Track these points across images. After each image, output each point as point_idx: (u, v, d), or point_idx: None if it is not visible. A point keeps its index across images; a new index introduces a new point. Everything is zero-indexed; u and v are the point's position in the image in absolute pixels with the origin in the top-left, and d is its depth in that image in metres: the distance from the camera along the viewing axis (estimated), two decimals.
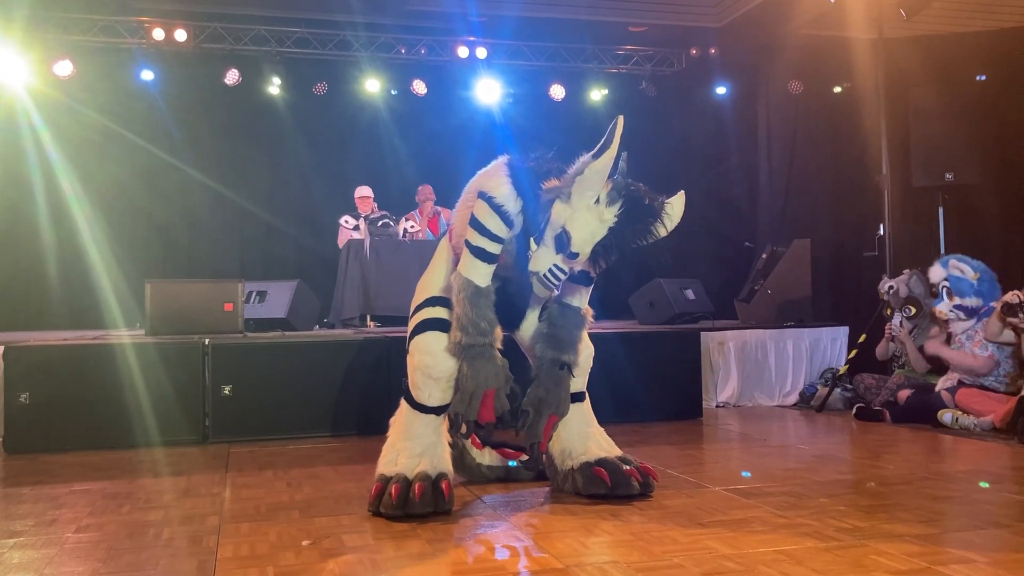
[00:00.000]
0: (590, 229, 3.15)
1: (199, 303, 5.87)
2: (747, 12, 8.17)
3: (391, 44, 9.10)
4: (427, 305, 3.43)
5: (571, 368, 3.46)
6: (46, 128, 8.16)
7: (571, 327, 3.47)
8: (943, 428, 5.28)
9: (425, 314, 3.41)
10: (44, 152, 8.16)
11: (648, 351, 5.92)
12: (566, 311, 3.49)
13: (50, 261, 8.20)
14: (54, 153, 8.16)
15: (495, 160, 3.37)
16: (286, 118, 9.13)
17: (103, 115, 8.40)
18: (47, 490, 3.86)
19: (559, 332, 3.45)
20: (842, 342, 6.91)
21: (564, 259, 3.18)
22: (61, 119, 8.24)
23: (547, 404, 3.38)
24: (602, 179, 3.14)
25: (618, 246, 3.20)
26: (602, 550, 2.77)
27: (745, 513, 3.19)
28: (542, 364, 3.44)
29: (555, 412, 3.41)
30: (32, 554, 2.84)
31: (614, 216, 3.16)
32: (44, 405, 4.91)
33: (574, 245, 3.15)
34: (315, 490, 3.77)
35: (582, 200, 3.14)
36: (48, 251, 8.20)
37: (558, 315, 3.48)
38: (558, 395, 3.40)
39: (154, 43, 8.46)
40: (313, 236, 9.12)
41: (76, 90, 8.30)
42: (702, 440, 5.19)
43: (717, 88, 9.59)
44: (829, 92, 8.83)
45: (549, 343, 3.44)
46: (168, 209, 8.79)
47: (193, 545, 2.91)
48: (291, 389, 5.27)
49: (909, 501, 3.42)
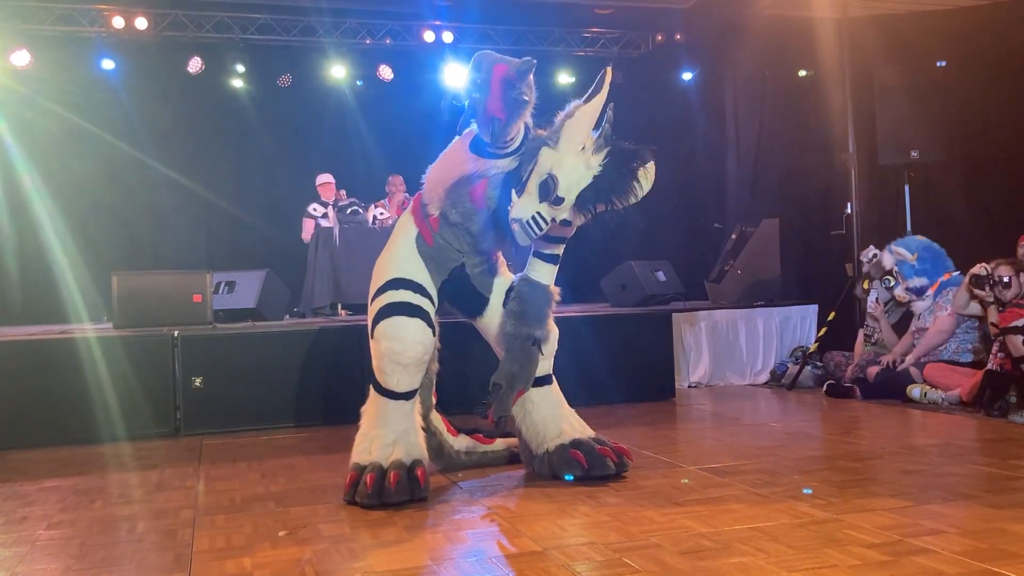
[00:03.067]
0: (576, 175, 3.13)
1: (167, 295, 5.79)
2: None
3: (356, 29, 9.02)
4: (390, 288, 3.38)
5: (541, 344, 3.44)
6: (4, 120, 8.01)
7: (540, 303, 3.46)
8: (912, 403, 5.35)
9: (389, 297, 3.36)
10: (3, 145, 8.00)
11: (620, 333, 5.95)
12: (535, 288, 3.48)
13: (11, 256, 8.06)
14: (13, 146, 8.01)
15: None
16: (250, 107, 9.03)
17: (63, 106, 8.26)
18: (16, 487, 3.81)
19: (528, 308, 3.43)
20: (811, 320, 6.98)
21: (548, 206, 3.14)
22: (19, 111, 8.09)
23: (519, 379, 3.37)
24: (591, 123, 3.16)
25: (600, 196, 3.16)
26: (580, 532, 2.78)
27: (720, 492, 3.22)
28: (513, 340, 3.42)
29: (524, 387, 3.41)
30: (3, 552, 2.80)
31: (599, 164, 3.14)
32: (11, 401, 4.84)
33: (560, 190, 3.12)
34: (290, 480, 3.75)
35: (570, 145, 3.14)
36: (9, 246, 8.06)
37: (527, 292, 3.47)
38: (528, 371, 3.40)
39: (114, 32, 8.31)
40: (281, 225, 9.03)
41: (34, 81, 8.15)
42: (675, 420, 5.22)
43: (684, 71, 9.61)
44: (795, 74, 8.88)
45: (519, 319, 3.43)
46: (132, 201, 8.67)
47: (168, 539, 2.88)
48: (263, 380, 5.24)
49: (881, 475, 3.47)
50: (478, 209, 3.35)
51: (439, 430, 3.75)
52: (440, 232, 3.45)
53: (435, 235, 3.45)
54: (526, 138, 3.25)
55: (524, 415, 3.57)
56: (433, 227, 3.45)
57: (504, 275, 3.64)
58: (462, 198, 3.36)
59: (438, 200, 3.42)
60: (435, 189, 3.42)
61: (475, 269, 3.52)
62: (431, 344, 3.38)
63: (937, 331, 5.58)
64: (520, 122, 3.13)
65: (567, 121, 3.16)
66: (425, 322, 3.33)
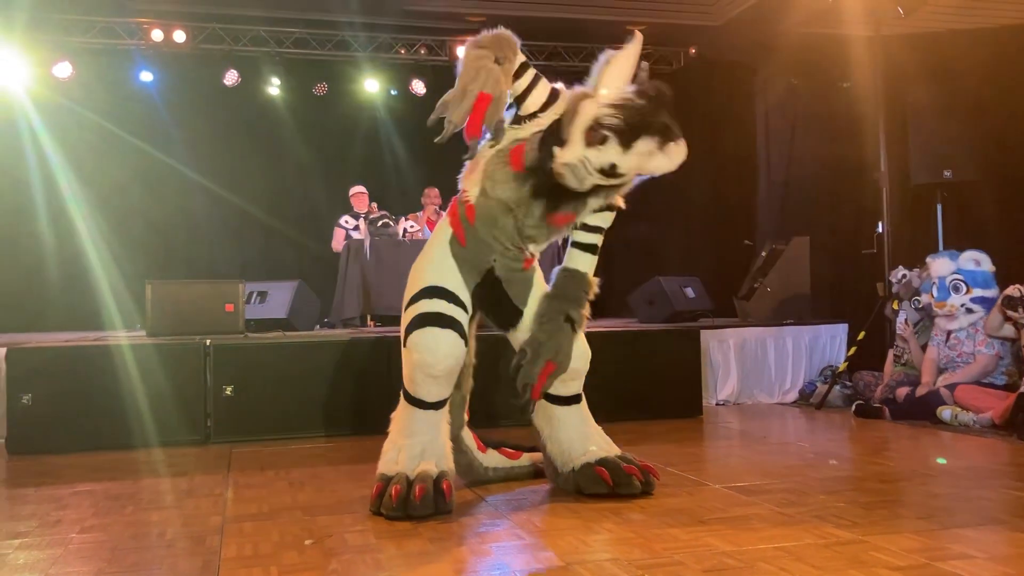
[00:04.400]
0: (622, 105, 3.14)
1: (200, 304, 5.88)
2: (745, 11, 8.18)
3: (390, 44, 9.12)
4: (423, 296, 3.35)
5: (575, 324, 3.41)
6: (45, 130, 8.17)
7: (579, 288, 3.47)
8: (942, 425, 5.29)
9: (421, 307, 3.32)
10: (44, 154, 8.17)
11: (648, 349, 5.94)
12: (573, 275, 3.49)
13: (50, 263, 8.21)
14: (54, 155, 8.17)
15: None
16: (285, 119, 9.14)
17: (102, 116, 8.42)
18: (51, 491, 3.88)
19: (569, 290, 3.45)
20: (841, 339, 6.93)
21: (596, 151, 3.13)
22: (61, 121, 8.26)
23: (546, 348, 3.32)
24: (626, 71, 3.21)
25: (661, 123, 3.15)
26: (604, 548, 2.79)
27: (745, 510, 3.21)
28: (546, 316, 3.40)
29: (553, 360, 3.34)
30: (37, 555, 2.86)
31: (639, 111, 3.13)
32: (47, 406, 4.93)
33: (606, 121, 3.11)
34: (317, 490, 3.79)
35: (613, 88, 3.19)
36: (48, 253, 8.21)
37: (565, 278, 3.48)
38: (558, 342, 3.35)
39: (153, 44, 8.46)
40: (313, 236, 9.13)
41: (75, 92, 8.32)
42: (702, 438, 5.20)
43: (714, 87, 9.59)
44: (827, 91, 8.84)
45: (559, 298, 3.44)
46: (167, 210, 8.81)
47: (197, 545, 2.92)
48: (292, 389, 5.29)
49: (908, 497, 3.44)
50: (516, 173, 3.32)
51: (470, 448, 3.75)
52: (476, 225, 3.38)
53: (469, 232, 3.39)
54: (552, 99, 3.35)
55: (551, 432, 3.57)
56: (469, 220, 3.39)
57: (539, 285, 3.57)
58: (500, 165, 3.35)
59: (476, 177, 3.41)
60: (472, 169, 3.44)
61: (508, 269, 3.45)
62: (463, 356, 3.36)
63: (981, 370, 5.50)
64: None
65: (604, 68, 3.22)
66: (458, 333, 3.30)
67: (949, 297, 5.64)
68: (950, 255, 5.76)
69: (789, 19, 7.98)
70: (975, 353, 5.57)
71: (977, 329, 5.58)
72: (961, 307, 5.61)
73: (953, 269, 5.68)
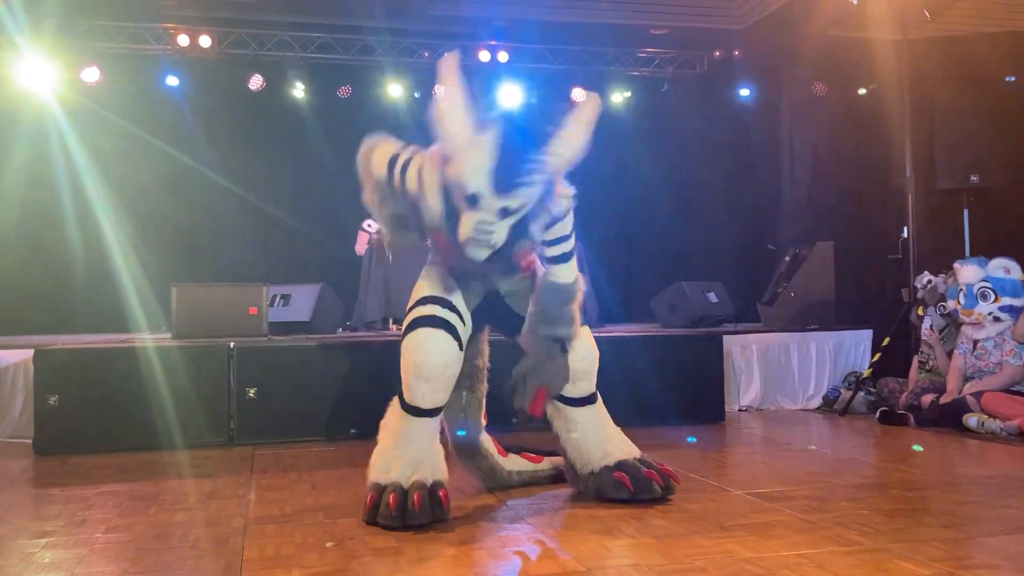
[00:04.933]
0: (476, 158, 2.97)
1: (224, 306, 5.93)
2: (770, 14, 8.15)
3: (413, 48, 9.15)
4: (418, 304, 3.35)
5: (565, 344, 3.33)
6: (73, 134, 8.26)
7: (560, 303, 3.35)
8: (968, 432, 5.23)
9: (415, 312, 3.32)
10: (71, 157, 8.26)
11: (670, 354, 5.91)
12: (551, 288, 3.37)
13: (77, 265, 8.29)
14: (81, 158, 8.26)
15: None
16: (309, 123, 9.19)
17: (129, 121, 8.50)
18: (77, 491, 3.92)
19: (549, 309, 3.34)
20: (865, 345, 6.87)
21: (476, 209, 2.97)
22: (88, 125, 8.34)
23: (534, 376, 3.24)
24: (459, 108, 3.06)
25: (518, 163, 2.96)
26: (624, 553, 2.78)
27: (768, 517, 3.19)
28: (535, 340, 3.33)
29: (544, 384, 3.25)
30: (63, 554, 2.89)
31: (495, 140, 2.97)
32: (73, 407, 4.99)
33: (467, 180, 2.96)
34: (339, 492, 3.80)
35: (455, 140, 3.05)
36: (75, 255, 8.30)
37: (543, 294, 3.37)
38: (547, 368, 3.26)
39: (179, 49, 8.55)
40: (336, 240, 9.16)
41: (102, 96, 8.41)
42: (724, 444, 5.18)
43: (740, 90, 9.56)
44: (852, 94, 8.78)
45: (541, 320, 3.34)
46: (192, 214, 8.88)
47: (219, 546, 2.95)
48: (315, 392, 5.32)
49: (933, 505, 3.41)
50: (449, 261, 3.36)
51: (490, 452, 3.75)
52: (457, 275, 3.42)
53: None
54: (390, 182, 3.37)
55: (568, 434, 3.54)
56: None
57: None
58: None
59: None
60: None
61: (510, 284, 3.47)
62: (455, 356, 3.29)
63: (1008, 380, 5.43)
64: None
65: (437, 124, 3.12)
66: (450, 334, 3.26)
67: (977, 305, 5.57)
68: (979, 262, 5.68)
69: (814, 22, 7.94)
70: (1002, 363, 5.51)
71: (1004, 338, 5.51)
72: (989, 315, 5.55)
73: (982, 276, 5.59)
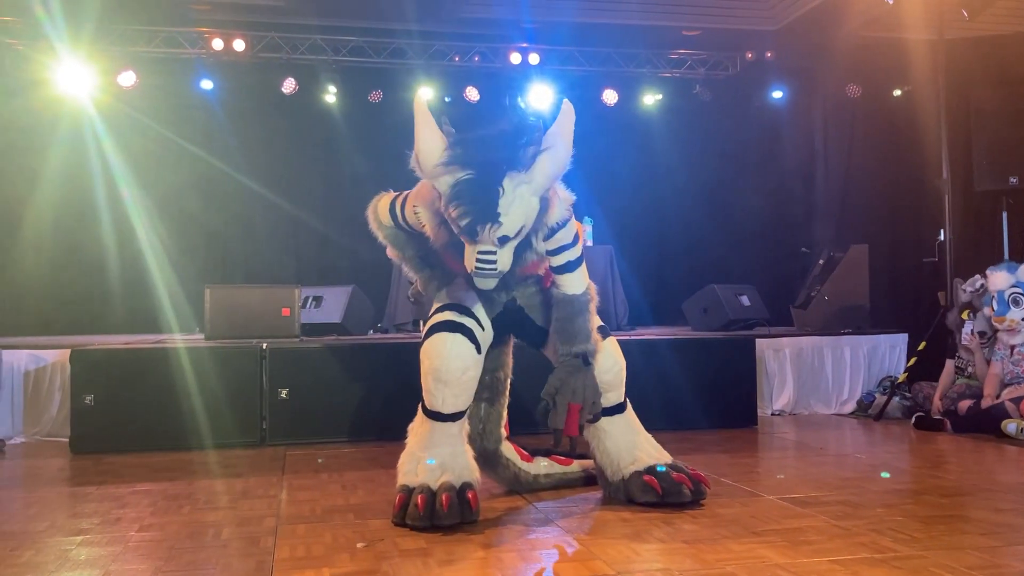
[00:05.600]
0: (448, 186, 2.97)
1: (257, 308, 5.97)
2: (803, 14, 8.06)
3: (444, 51, 9.17)
4: (437, 312, 3.38)
5: (588, 357, 3.32)
6: (109, 137, 8.37)
7: (573, 315, 3.35)
8: (1007, 439, 5.15)
9: (434, 319, 3.36)
10: (107, 161, 8.36)
11: (702, 358, 5.87)
12: (563, 302, 3.37)
13: (112, 267, 8.39)
14: (116, 161, 8.36)
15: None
16: (341, 126, 9.24)
17: (163, 124, 8.59)
18: (111, 490, 3.97)
19: (564, 325, 3.35)
20: (901, 349, 6.78)
21: (475, 241, 2.97)
22: (123, 128, 8.44)
23: (562, 393, 3.23)
24: (433, 150, 3.05)
25: (495, 177, 2.95)
26: (654, 557, 2.76)
27: (800, 522, 3.16)
28: (559, 357, 3.34)
29: (574, 400, 3.22)
30: (98, 551, 2.93)
31: (462, 171, 2.97)
32: (108, 407, 5.06)
33: (456, 214, 2.94)
34: (369, 493, 3.82)
35: (438, 176, 3.03)
36: (110, 257, 8.40)
37: (558, 309, 3.37)
38: (573, 384, 3.23)
39: (213, 53, 8.63)
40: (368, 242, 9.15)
41: (138, 100, 8.50)
42: (757, 448, 5.13)
43: (773, 92, 9.47)
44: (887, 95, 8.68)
45: (560, 337, 3.36)
46: (225, 216, 8.95)
47: (251, 546, 2.97)
48: (346, 393, 5.35)
49: (971, 513, 3.35)
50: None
51: (512, 460, 3.76)
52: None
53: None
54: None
55: (598, 443, 3.54)
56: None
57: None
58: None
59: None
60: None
61: (528, 296, 3.50)
62: (472, 360, 3.29)
63: None
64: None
65: (421, 162, 3.10)
66: (467, 338, 3.27)
67: (1009, 311, 5.53)
68: (1008, 267, 5.63)
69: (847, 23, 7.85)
70: None
71: None
72: (1022, 320, 5.48)
73: (1012, 282, 5.56)
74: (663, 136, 9.31)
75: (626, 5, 8.19)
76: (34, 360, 5.61)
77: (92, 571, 2.71)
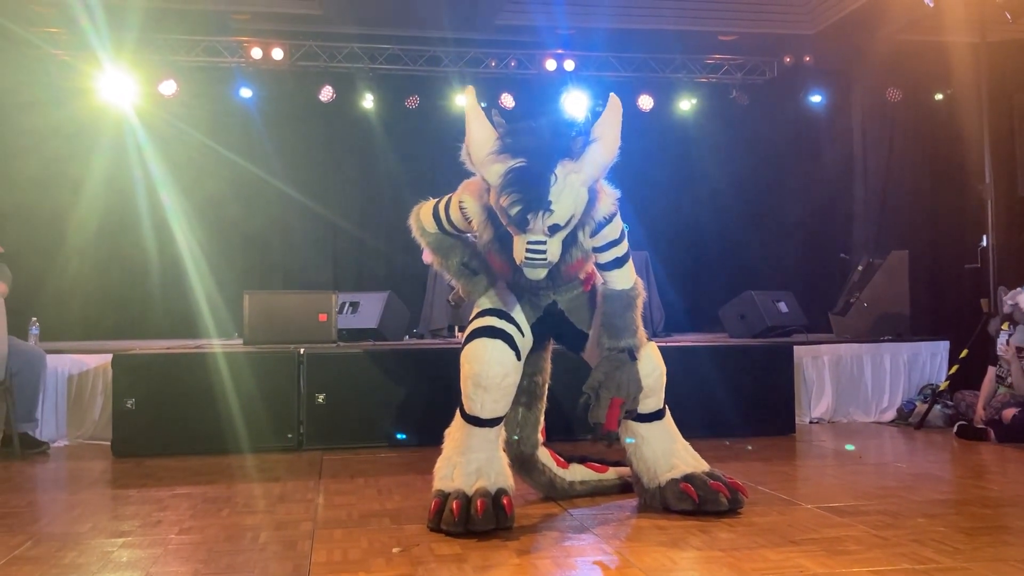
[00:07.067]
0: (500, 175, 2.98)
1: (294, 313, 6.03)
2: (841, 18, 7.99)
3: (480, 59, 9.21)
4: (478, 317, 3.40)
5: (633, 352, 3.33)
6: (150, 145, 8.50)
7: (620, 311, 3.37)
8: None
9: (474, 324, 3.37)
10: (148, 168, 8.49)
11: (739, 365, 5.83)
12: (610, 297, 3.39)
13: (152, 273, 8.52)
14: (157, 169, 8.49)
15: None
16: (378, 133, 9.30)
17: (203, 132, 8.71)
18: (152, 492, 4.03)
19: (612, 320, 3.36)
20: (942, 357, 6.68)
21: (525, 230, 2.96)
22: (164, 136, 8.57)
23: (606, 387, 3.23)
24: (485, 139, 3.08)
25: (547, 165, 2.95)
26: (690, 566, 2.75)
27: (839, 532, 3.12)
28: (603, 352, 3.34)
29: (617, 395, 3.23)
30: (139, 553, 2.97)
31: (513, 159, 2.97)
32: (149, 411, 5.14)
33: (507, 202, 2.93)
34: (405, 498, 3.83)
35: (489, 165, 3.04)
36: (151, 263, 8.53)
37: (605, 304, 3.40)
38: (617, 378, 3.24)
39: (252, 62, 8.74)
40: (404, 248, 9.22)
41: (178, 108, 8.63)
42: (795, 456, 5.08)
43: (811, 97, 9.38)
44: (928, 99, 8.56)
45: (606, 332, 3.36)
46: (263, 222, 9.05)
47: (288, 550, 2.99)
48: (382, 398, 5.38)
49: (1015, 523, 3.29)
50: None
51: (547, 466, 3.75)
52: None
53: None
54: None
55: (635, 450, 3.52)
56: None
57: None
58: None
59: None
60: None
61: (569, 299, 3.50)
62: (513, 366, 3.30)
63: None
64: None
65: (473, 153, 3.14)
66: (507, 344, 3.29)
67: None
68: None
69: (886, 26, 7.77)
70: None
71: None
72: None
73: None
74: (699, 141, 9.26)
75: (661, 11, 8.17)
76: (77, 365, 5.72)
77: (133, 573, 2.75)
